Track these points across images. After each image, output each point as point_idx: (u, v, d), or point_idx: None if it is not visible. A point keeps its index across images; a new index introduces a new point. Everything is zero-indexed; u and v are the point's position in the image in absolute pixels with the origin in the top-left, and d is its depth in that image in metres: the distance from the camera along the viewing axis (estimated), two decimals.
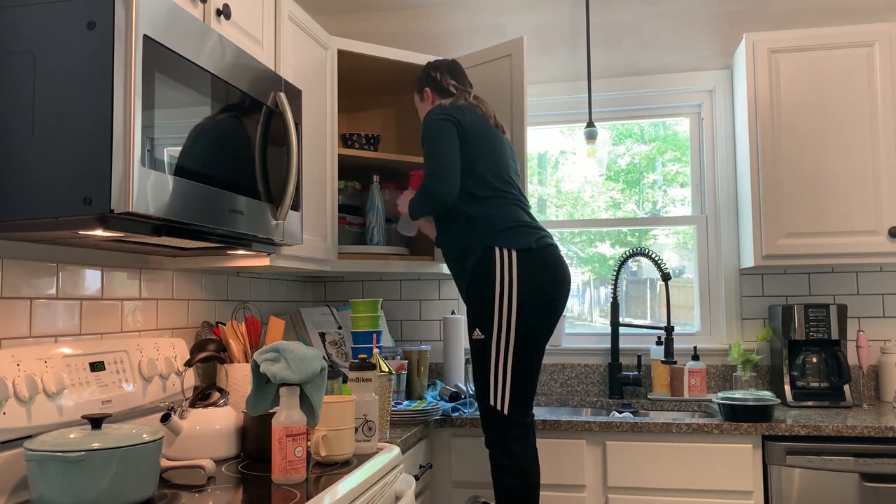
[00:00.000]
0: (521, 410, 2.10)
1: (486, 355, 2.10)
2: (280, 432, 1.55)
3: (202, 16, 1.76)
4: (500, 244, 2.12)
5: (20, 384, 1.43)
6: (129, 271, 1.95)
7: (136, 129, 1.29)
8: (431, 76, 2.48)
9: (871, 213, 2.56)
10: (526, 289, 2.09)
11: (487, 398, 2.11)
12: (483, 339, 2.11)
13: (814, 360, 2.66)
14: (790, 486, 2.25)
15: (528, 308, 2.09)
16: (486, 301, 2.10)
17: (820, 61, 2.62)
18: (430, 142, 2.23)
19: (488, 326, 2.10)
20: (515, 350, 2.09)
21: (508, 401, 2.09)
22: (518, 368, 2.09)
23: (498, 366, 2.09)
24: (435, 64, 2.51)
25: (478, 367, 2.14)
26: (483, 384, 2.12)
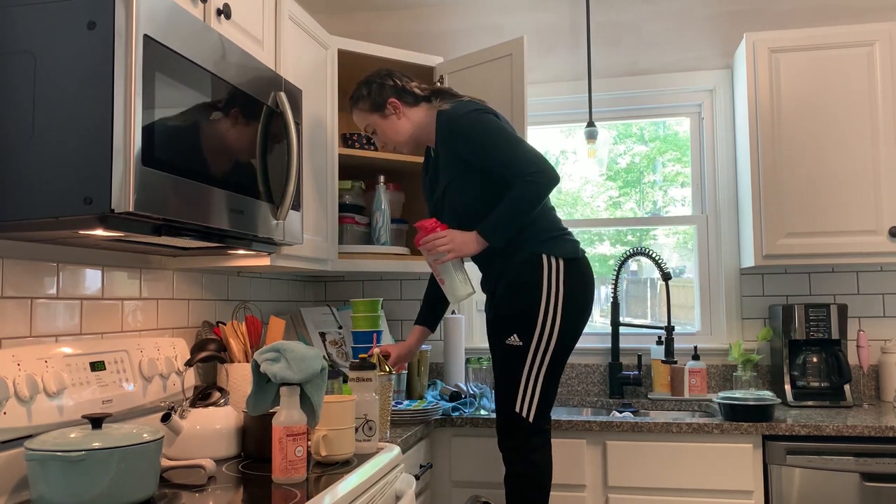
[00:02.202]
0: (543, 418, 2.07)
1: (520, 362, 2.04)
2: (280, 432, 1.55)
3: (202, 15, 1.76)
4: (548, 252, 2.06)
5: (20, 384, 1.43)
6: (129, 271, 1.95)
7: (136, 129, 1.29)
8: (388, 85, 2.20)
9: (871, 212, 2.56)
10: (570, 298, 2.04)
11: (513, 404, 2.05)
12: (520, 345, 2.04)
13: (814, 360, 2.66)
14: (790, 486, 2.25)
15: (569, 318, 2.05)
16: (528, 308, 2.04)
17: (820, 61, 2.62)
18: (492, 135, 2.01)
19: (528, 333, 2.03)
20: (552, 359, 2.05)
21: (535, 409, 2.04)
22: (549, 377, 2.05)
23: (531, 373, 2.04)
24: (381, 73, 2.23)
25: (507, 372, 2.06)
26: (510, 390, 2.05)
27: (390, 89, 2.20)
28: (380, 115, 2.21)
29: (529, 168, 1.99)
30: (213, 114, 1.55)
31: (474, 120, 2.05)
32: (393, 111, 2.21)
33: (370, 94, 2.21)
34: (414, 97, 2.22)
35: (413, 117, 2.22)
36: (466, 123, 2.06)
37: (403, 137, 2.23)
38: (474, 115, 2.06)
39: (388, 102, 2.20)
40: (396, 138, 2.23)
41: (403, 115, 2.21)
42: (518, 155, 2.00)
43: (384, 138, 2.26)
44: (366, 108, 2.23)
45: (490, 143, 2.02)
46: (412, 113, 2.22)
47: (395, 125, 2.21)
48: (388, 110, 2.20)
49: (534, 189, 1.99)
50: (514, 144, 2.02)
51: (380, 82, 2.21)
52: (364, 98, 2.23)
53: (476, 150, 2.05)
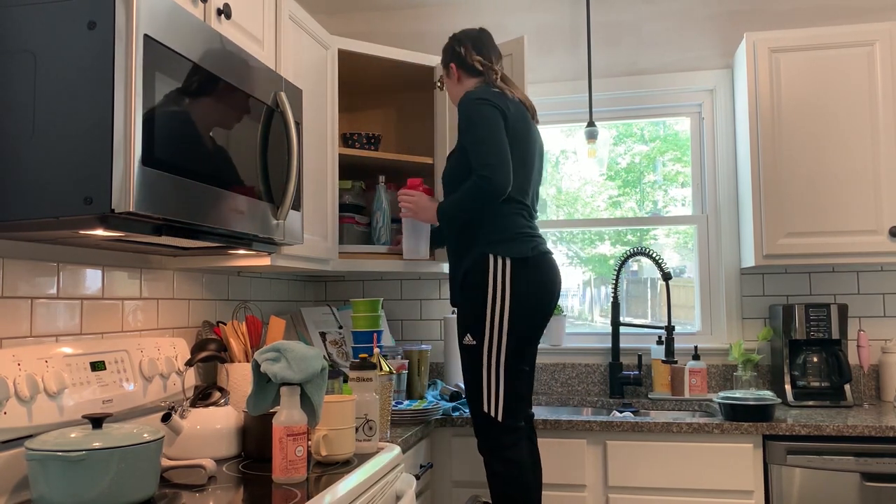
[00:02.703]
0: (514, 416, 2.08)
1: (478, 361, 2.08)
2: (281, 432, 1.55)
3: (203, 15, 1.76)
4: (496, 252, 2.08)
5: (21, 384, 1.43)
6: (129, 271, 1.95)
7: (136, 129, 1.29)
8: (456, 51, 2.32)
9: (871, 212, 2.55)
10: (518, 298, 2.06)
11: (481, 405, 2.08)
12: (474, 344, 2.08)
13: (814, 360, 2.66)
14: (791, 486, 2.25)
15: (519, 316, 2.06)
16: (476, 307, 2.07)
17: (820, 61, 2.62)
18: (478, 128, 2.09)
19: (480, 333, 2.07)
20: (508, 357, 2.06)
21: (503, 407, 2.06)
22: (511, 375, 2.07)
23: (490, 372, 2.06)
24: (459, 36, 2.34)
25: (469, 372, 2.11)
26: (476, 390, 2.09)
27: (455, 55, 2.33)
28: (446, 73, 2.38)
29: (483, 169, 2.05)
30: (214, 114, 1.54)
31: (477, 105, 2.12)
32: (452, 74, 2.34)
33: (444, 51, 2.37)
34: (473, 70, 2.30)
35: (467, 85, 2.31)
36: (470, 106, 2.14)
37: (455, 99, 2.35)
38: (479, 101, 2.13)
39: (449, 65, 2.34)
40: (452, 97, 2.38)
41: (458, 81, 2.33)
42: (484, 150, 2.07)
43: (448, 93, 2.42)
44: (442, 61, 2.39)
45: (474, 127, 2.10)
46: (468, 82, 2.31)
47: (452, 87, 2.37)
48: (451, 72, 2.34)
49: (477, 193, 2.07)
50: (488, 139, 2.07)
51: (452, 46, 2.34)
52: (443, 52, 2.39)
53: (465, 130, 2.13)
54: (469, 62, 2.29)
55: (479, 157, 2.07)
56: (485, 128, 2.09)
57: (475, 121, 2.10)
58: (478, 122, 2.10)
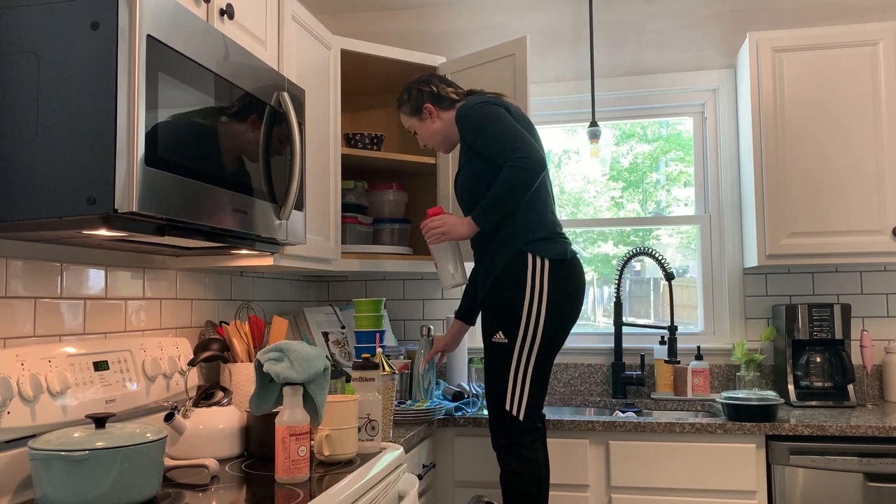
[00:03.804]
0: (535, 416, 2.08)
1: (507, 359, 2.06)
2: (283, 432, 1.55)
3: (205, 16, 1.76)
4: (535, 251, 2.07)
5: (24, 383, 1.43)
6: (132, 271, 1.96)
7: (139, 129, 1.29)
8: (426, 91, 2.33)
9: (874, 212, 2.55)
10: (554, 298, 2.06)
11: (503, 402, 2.06)
12: (505, 342, 2.06)
13: (817, 360, 2.65)
14: (794, 486, 2.25)
15: (553, 317, 2.06)
16: (513, 306, 2.06)
17: (824, 60, 2.61)
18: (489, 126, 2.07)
19: (513, 331, 2.05)
20: (538, 357, 2.06)
21: (525, 406, 2.05)
22: (537, 375, 2.07)
23: (518, 371, 2.06)
24: (421, 79, 2.36)
25: (495, 370, 2.08)
26: (499, 388, 2.07)
27: (427, 95, 2.33)
28: (418, 118, 2.36)
29: (514, 152, 2.03)
30: (216, 114, 1.55)
31: (478, 109, 2.13)
32: (428, 115, 2.34)
33: (410, 99, 2.36)
34: (450, 102, 2.33)
35: (446, 119, 2.33)
36: (471, 112, 2.13)
37: (437, 138, 2.36)
38: (479, 105, 2.13)
39: (423, 107, 2.33)
40: (432, 139, 2.37)
41: (438, 118, 2.33)
42: (506, 138, 2.05)
43: (423, 139, 2.39)
44: (407, 111, 2.38)
45: (485, 126, 2.09)
46: (447, 116, 2.33)
47: (430, 127, 2.35)
48: (424, 114, 2.34)
49: (519, 173, 2.02)
50: (505, 129, 2.06)
51: (418, 88, 2.34)
52: (405, 102, 2.37)
53: (475, 135, 2.12)
54: (444, 95, 2.33)
55: (504, 147, 2.05)
56: (495, 119, 2.09)
57: (484, 121, 2.10)
58: (487, 121, 2.09)
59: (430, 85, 2.34)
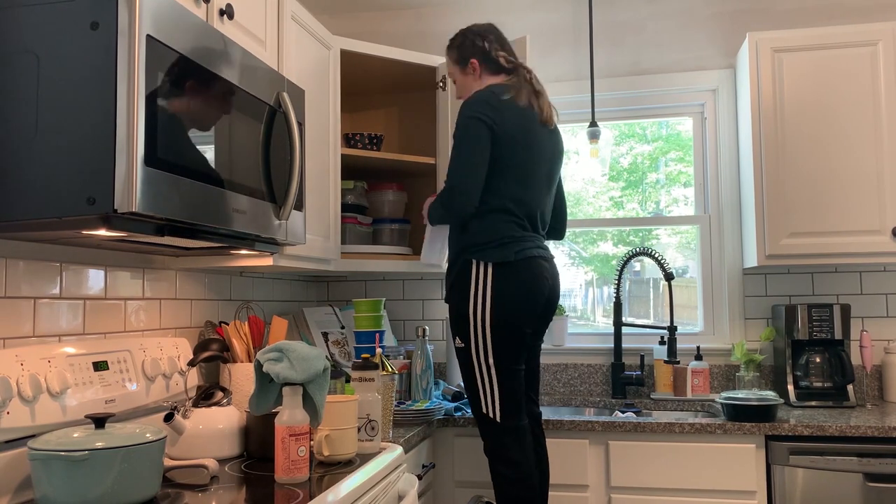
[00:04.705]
0: (513, 416, 2.07)
1: (469, 363, 2.09)
2: (283, 432, 1.55)
3: (205, 16, 1.76)
4: (479, 257, 2.07)
5: (24, 383, 1.43)
6: (132, 271, 1.96)
7: (139, 129, 1.29)
8: (478, 46, 2.21)
9: (874, 212, 2.55)
10: (499, 300, 2.04)
11: (480, 407, 2.08)
12: (463, 346, 2.09)
13: (817, 360, 2.65)
14: (793, 487, 2.25)
15: (502, 318, 2.04)
16: (461, 312, 2.08)
17: (823, 60, 2.61)
18: (458, 142, 2.07)
19: (465, 336, 2.08)
20: (497, 358, 2.06)
21: (499, 407, 2.06)
22: (504, 376, 2.06)
23: (482, 373, 2.07)
24: (478, 30, 2.24)
25: (464, 375, 2.12)
26: (472, 392, 2.10)
27: (478, 50, 2.22)
28: (461, 69, 2.26)
29: (446, 187, 2.08)
30: (216, 114, 1.55)
31: (462, 120, 2.09)
32: (472, 71, 2.23)
33: (460, 47, 2.24)
34: (497, 66, 2.22)
35: (487, 83, 2.21)
36: (460, 119, 2.10)
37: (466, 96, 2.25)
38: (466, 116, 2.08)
39: (470, 61, 2.23)
40: (463, 94, 2.28)
41: (479, 78, 2.23)
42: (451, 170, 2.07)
43: (459, 90, 2.30)
44: (453, 57, 2.27)
45: (453, 145, 2.10)
46: (489, 79, 2.22)
47: (469, 84, 2.25)
48: (469, 69, 2.24)
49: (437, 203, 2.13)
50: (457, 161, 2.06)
51: (472, 39, 2.23)
52: (454, 47, 2.26)
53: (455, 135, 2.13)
54: (494, 57, 2.21)
55: (447, 176, 2.08)
56: (461, 142, 2.07)
57: (458, 135, 2.08)
58: (460, 137, 2.07)
59: (485, 39, 2.22)
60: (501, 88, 2.14)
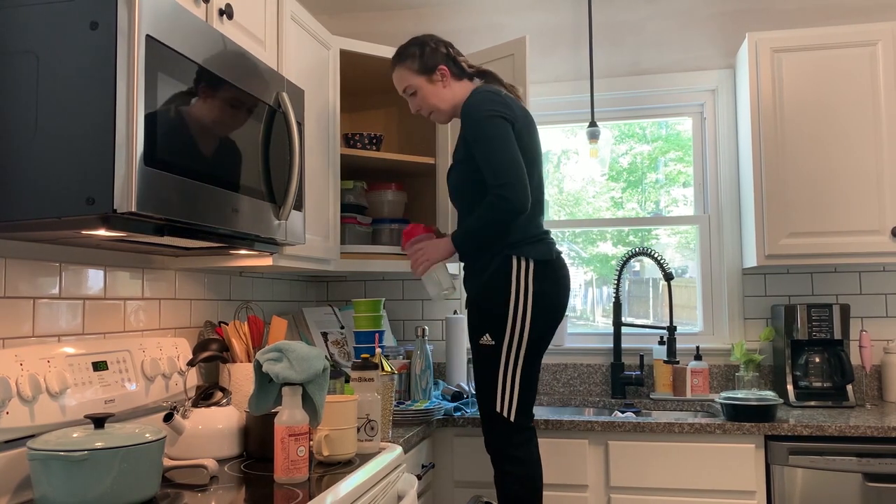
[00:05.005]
0: (525, 416, 2.08)
1: (495, 361, 2.06)
2: (282, 432, 1.55)
3: (205, 16, 1.76)
4: (520, 254, 2.06)
5: (23, 384, 1.43)
6: (131, 271, 1.95)
7: (138, 129, 1.29)
8: (442, 51, 2.20)
9: (874, 212, 2.55)
10: (539, 299, 2.05)
11: (493, 404, 2.06)
12: (493, 344, 2.06)
13: (816, 360, 2.65)
14: (793, 486, 2.25)
15: (539, 317, 2.05)
16: (499, 308, 2.05)
17: (823, 61, 2.61)
18: (492, 142, 2.01)
19: (500, 333, 2.05)
20: (525, 357, 2.06)
21: (516, 407, 2.05)
22: (526, 375, 2.06)
23: (507, 372, 2.05)
24: (436, 38, 2.24)
25: (483, 372, 2.08)
26: (489, 390, 2.07)
27: (444, 57, 2.20)
28: (427, 78, 2.21)
29: (502, 188, 1.98)
30: (216, 114, 1.55)
31: (487, 120, 2.04)
32: (440, 78, 2.21)
33: (422, 56, 2.20)
34: (461, 71, 2.23)
35: (456, 90, 2.23)
36: (480, 120, 2.05)
37: (445, 106, 2.24)
38: (487, 117, 2.05)
39: (438, 68, 2.20)
40: (438, 105, 2.23)
41: (448, 85, 2.22)
42: (502, 166, 1.99)
43: (423, 103, 2.25)
44: (414, 67, 2.21)
45: (487, 141, 2.02)
46: (456, 85, 2.23)
47: (439, 92, 2.22)
48: (437, 76, 2.20)
49: (499, 213, 2.00)
50: (505, 155, 2.00)
51: (434, 46, 2.21)
52: (414, 57, 2.20)
53: (476, 139, 2.06)
54: (458, 61, 2.21)
55: (496, 174, 2.00)
56: (498, 144, 2.01)
57: (488, 135, 2.03)
58: (491, 137, 2.02)
59: (447, 46, 2.21)
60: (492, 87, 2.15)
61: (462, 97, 2.21)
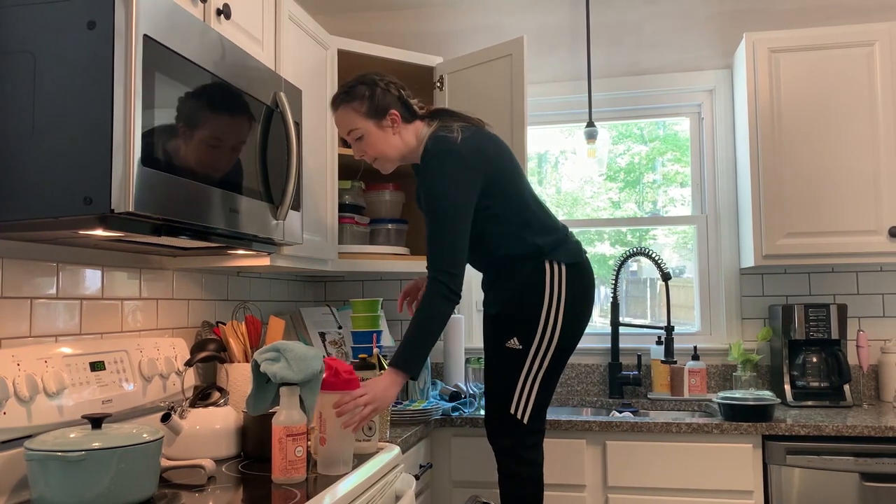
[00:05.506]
0: (538, 420, 2.07)
1: (519, 364, 2.03)
2: (280, 432, 1.55)
3: (202, 15, 1.76)
4: (551, 257, 2.03)
5: (20, 384, 1.43)
6: (129, 271, 1.95)
7: (136, 129, 1.29)
8: (393, 93, 2.02)
9: (871, 212, 2.56)
10: (571, 304, 2.03)
11: (508, 406, 2.04)
12: (520, 349, 2.02)
13: (814, 360, 2.66)
14: (790, 486, 2.25)
15: (569, 322, 2.04)
16: (528, 315, 2.02)
17: (820, 61, 2.62)
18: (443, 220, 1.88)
19: (529, 338, 2.02)
20: (551, 362, 2.04)
21: (531, 410, 2.04)
22: (547, 380, 2.05)
23: (529, 376, 2.03)
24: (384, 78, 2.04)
25: (503, 373, 2.05)
26: (506, 391, 2.04)
27: (395, 100, 2.03)
28: (376, 122, 2.02)
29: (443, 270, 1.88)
30: (213, 114, 1.54)
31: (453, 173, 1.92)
32: (391, 124, 2.03)
33: (372, 97, 2.00)
34: (412, 114, 2.07)
35: (406, 136, 2.06)
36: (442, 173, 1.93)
37: (393, 154, 2.06)
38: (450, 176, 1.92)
39: (389, 113, 2.02)
40: (386, 152, 2.05)
41: (398, 131, 2.04)
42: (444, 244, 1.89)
43: (370, 149, 2.05)
44: (361, 110, 2.00)
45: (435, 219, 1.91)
46: (406, 131, 2.06)
47: (388, 139, 2.03)
48: (387, 122, 2.02)
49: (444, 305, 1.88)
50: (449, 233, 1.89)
51: (384, 87, 2.02)
52: (363, 99, 2.00)
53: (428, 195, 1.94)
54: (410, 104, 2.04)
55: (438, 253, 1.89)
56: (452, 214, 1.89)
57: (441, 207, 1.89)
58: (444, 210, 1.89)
59: (399, 88, 2.03)
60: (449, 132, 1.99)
61: (412, 143, 2.08)
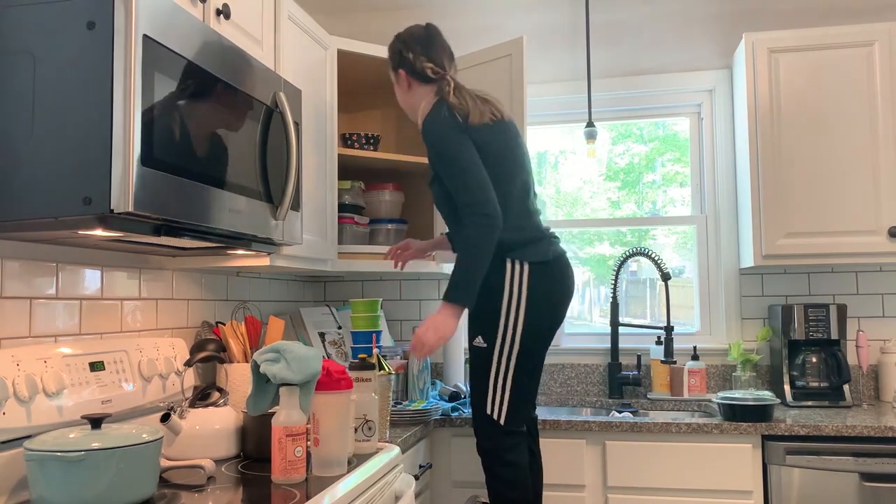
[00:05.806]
0: (516, 420, 2.07)
1: (487, 364, 2.06)
2: (280, 432, 1.55)
3: (202, 15, 1.76)
4: (514, 256, 2.05)
5: (20, 384, 1.43)
6: (128, 271, 1.95)
7: (135, 129, 1.29)
8: (404, 56, 2.20)
9: (870, 212, 2.56)
10: (533, 303, 2.04)
11: (484, 406, 2.07)
12: (485, 347, 2.06)
13: (813, 360, 2.66)
14: (790, 486, 2.25)
15: (532, 322, 2.04)
16: (491, 310, 2.04)
17: (820, 61, 2.62)
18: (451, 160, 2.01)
19: (491, 336, 2.05)
20: (517, 361, 2.05)
21: (506, 411, 2.05)
22: (518, 379, 2.06)
23: (498, 375, 2.05)
24: (405, 38, 2.22)
25: (476, 374, 2.09)
26: (480, 392, 2.07)
27: (402, 61, 2.21)
28: (394, 76, 2.26)
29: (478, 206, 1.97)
30: (213, 114, 1.54)
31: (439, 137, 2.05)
32: (402, 81, 2.23)
33: (391, 56, 2.25)
34: (418, 76, 2.19)
35: (419, 94, 2.21)
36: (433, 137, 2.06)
37: (407, 107, 2.27)
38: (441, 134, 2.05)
39: (397, 71, 2.23)
40: (403, 104, 2.28)
41: (411, 88, 2.22)
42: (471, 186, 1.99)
43: (397, 98, 2.29)
44: (389, 64, 2.27)
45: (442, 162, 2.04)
46: (420, 90, 2.21)
47: (403, 94, 2.25)
48: (399, 78, 2.23)
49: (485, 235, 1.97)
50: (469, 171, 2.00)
51: (396, 47, 2.23)
52: (390, 54, 2.26)
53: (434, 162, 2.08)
54: (419, 68, 2.17)
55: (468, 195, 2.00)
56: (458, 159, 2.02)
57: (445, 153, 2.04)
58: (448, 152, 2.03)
59: (410, 50, 2.19)
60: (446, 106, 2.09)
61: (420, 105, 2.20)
